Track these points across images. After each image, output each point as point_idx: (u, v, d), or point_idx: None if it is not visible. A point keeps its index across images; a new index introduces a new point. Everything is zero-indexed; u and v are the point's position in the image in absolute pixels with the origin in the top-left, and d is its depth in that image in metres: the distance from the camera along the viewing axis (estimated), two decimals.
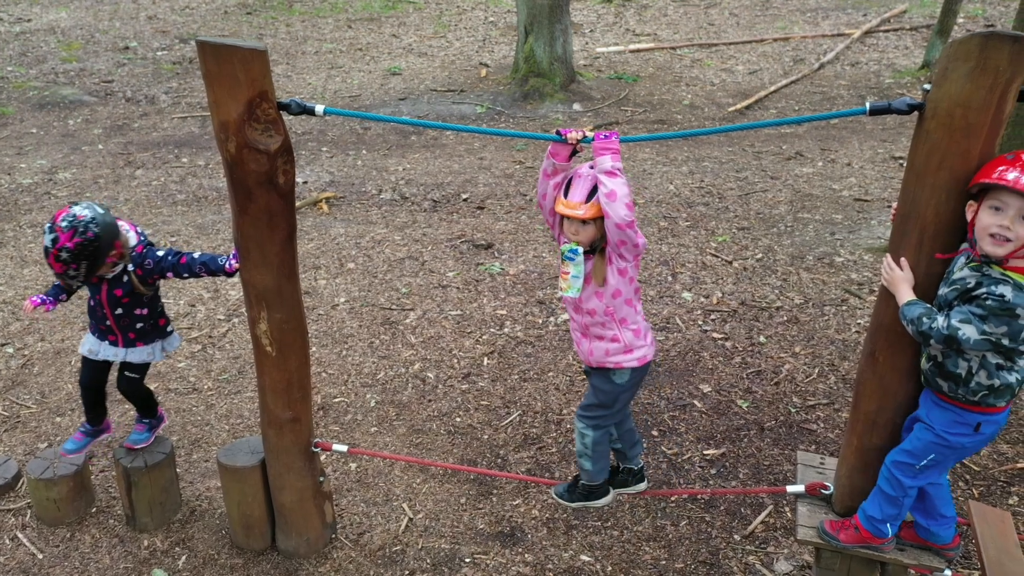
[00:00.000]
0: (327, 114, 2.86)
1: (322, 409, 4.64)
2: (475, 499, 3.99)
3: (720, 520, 3.84)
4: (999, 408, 2.53)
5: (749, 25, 13.85)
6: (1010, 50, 2.25)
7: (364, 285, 5.99)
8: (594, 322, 2.84)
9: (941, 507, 2.85)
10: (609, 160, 2.61)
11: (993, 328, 2.31)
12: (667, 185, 7.60)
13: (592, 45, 12.85)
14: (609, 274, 2.74)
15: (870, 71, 11.24)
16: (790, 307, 5.54)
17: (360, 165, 8.45)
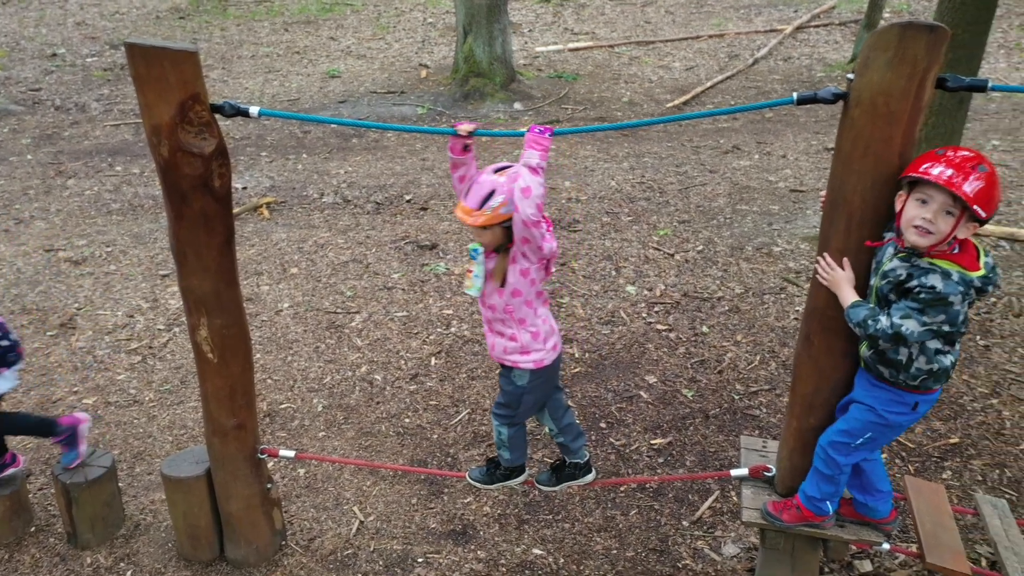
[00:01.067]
0: (262, 116, 2.84)
1: (268, 416, 4.58)
2: (426, 499, 3.98)
3: (669, 507, 3.90)
4: (933, 390, 2.64)
5: (685, 22, 14.07)
6: (926, 40, 2.34)
7: (308, 289, 5.92)
8: (495, 317, 2.89)
9: (877, 483, 2.94)
10: (536, 157, 2.62)
11: (932, 318, 2.40)
12: (609, 181, 7.68)
13: (531, 44, 12.92)
14: (510, 273, 2.77)
15: (802, 65, 11.52)
16: (731, 297, 5.65)
17: (301, 169, 8.36)
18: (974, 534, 3.67)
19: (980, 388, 4.65)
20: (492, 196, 2.67)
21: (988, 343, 5.04)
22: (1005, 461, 4.11)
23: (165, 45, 2.62)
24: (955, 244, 2.45)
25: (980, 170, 2.32)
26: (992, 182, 2.34)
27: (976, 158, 2.35)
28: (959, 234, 2.39)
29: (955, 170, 2.32)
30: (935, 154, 2.40)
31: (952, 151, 2.39)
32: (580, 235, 6.60)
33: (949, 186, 2.31)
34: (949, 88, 2.48)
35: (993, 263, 2.49)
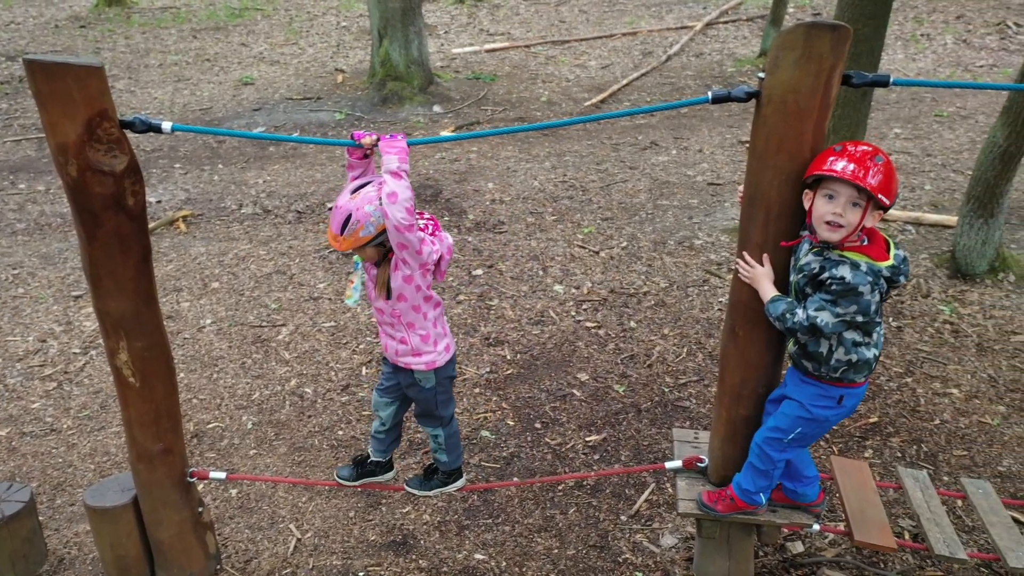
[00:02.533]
0: (175, 131, 2.75)
1: (196, 437, 4.45)
2: (364, 511, 3.93)
3: (607, 503, 3.95)
4: (859, 383, 2.73)
5: (598, 21, 14.25)
6: (831, 38, 2.43)
7: (231, 304, 5.78)
8: (384, 320, 2.93)
9: (804, 470, 3.04)
10: (396, 161, 2.62)
11: (845, 309, 2.49)
12: (531, 181, 7.73)
13: (448, 46, 12.89)
14: (393, 281, 2.78)
15: (713, 61, 11.81)
16: (656, 291, 5.75)
17: (217, 180, 8.15)
18: (897, 508, 3.83)
19: (895, 368, 4.85)
20: (349, 221, 2.68)
21: (900, 324, 5.26)
22: (921, 437, 4.30)
23: (68, 61, 2.52)
24: (863, 236, 2.55)
25: (878, 161, 2.43)
26: (890, 171, 2.45)
27: (873, 151, 2.47)
28: (867, 223, 2.49)
29: (856, 164, 2.43)
30: (834, 151, 2.50)
31: (851, 146, 2.50)
32: (506, 236, 6.63)
33: (855, 180, 2.41)
34: (854, 84, 2.58)
35: (904, 255, 2.60)
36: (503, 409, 4.62)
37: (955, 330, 5.21)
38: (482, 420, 4.54)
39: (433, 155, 8.46)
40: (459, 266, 6.15)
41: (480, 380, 4.87)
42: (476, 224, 6.85)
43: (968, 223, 5.61)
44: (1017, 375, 4.79)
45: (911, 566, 3.56)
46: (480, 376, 4.90)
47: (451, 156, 8.44)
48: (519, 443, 4.36)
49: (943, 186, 7.39)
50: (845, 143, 2.51)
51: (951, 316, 5.34)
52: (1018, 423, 4.40)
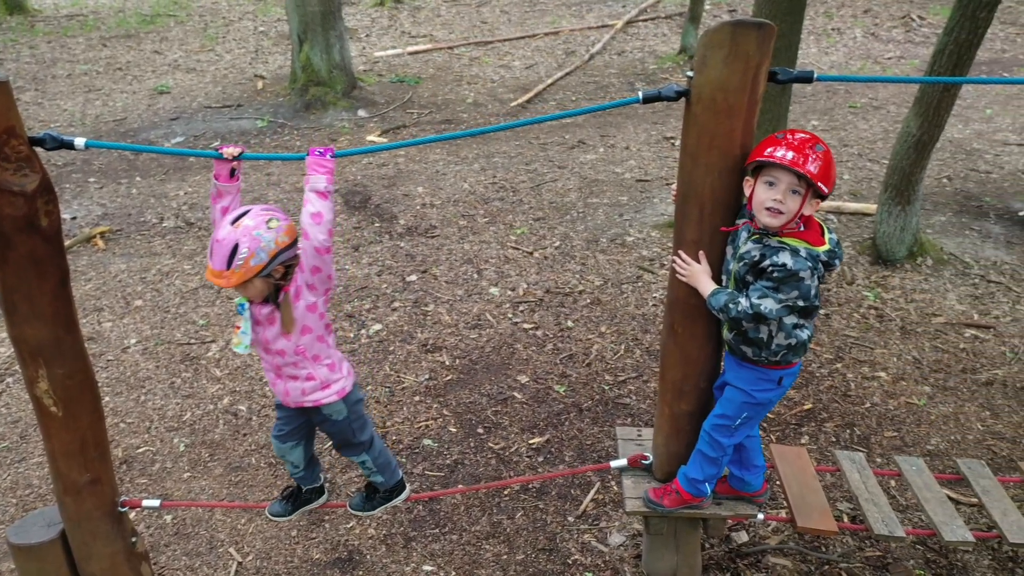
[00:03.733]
0: (89, 147, 2.62)
1: (125, 463, 4.27)
2: (307, 529, 3.84)
3: (553, 505, 3.94)
4: (793, 363, 2.79)
5: (520, 21, 14.28)
6: (756, 36, 2.46)
7: (156, 322, 5.57)
8: (286, 363, 2.73)
9: (754, 458, 3.09)
10: (324, 181, 2.50)
11: (787, 295, 2.54)
12: (462, 184, 7.68)
13: (370, 49, 12.73)
14: (296, 312, 2.63)
15: (635, 59, 11.96)
16: (591, 289, 5.78)
17: (136, 193, 7.86)
18: (835, 492, 3.93)
19: (825, 355, 4.98)
20: (237, 251, 2.49)
21: (828, 311, 5.41)
22: (854, 420, 4.43)
23: None
24: (801, 222, 2.60)
25: (818, 150, 2.48)
26: (829, 160, 2.50)
27: (812, 139, 2.51)
28: (805, 211, 2.54)
29: (796, 152, 2.47)
30: (775, 138, 2.54)
31: (790, 134, 2.54)
32: (438, 240, 6.57)
33: (795, 167, 2.45)
34: (780, 81, 2.62)
35: (837, 239, 2.66)
36: (444, 416, 4.57)
37: (880, 315, 5.38)
38: (423, 428, 4.48)
39: (360, 160, 8.34)
40: (392, 273, 6.07)
41: (419, 388, 4.80)
42: (408, 229, 6.77)
43: (887, 211, 5.80)
44: (939, 356, 4.97)
45: (852, 548, 3.66)
46: (419, 384, 4.84)
47: (379, 161, 8.33)
48: (462, 449, 4.32)
49: (861, 175, 7.64)
50: (786, 131, 2.55)
51: (875, 301, 5.52)
52: (943, 402, 4.57)
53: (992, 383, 4.73)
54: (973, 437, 4.31)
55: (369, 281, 5.97)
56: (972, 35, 4.97)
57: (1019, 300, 5.55)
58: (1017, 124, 8.98)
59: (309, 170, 2.52)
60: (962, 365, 4.89)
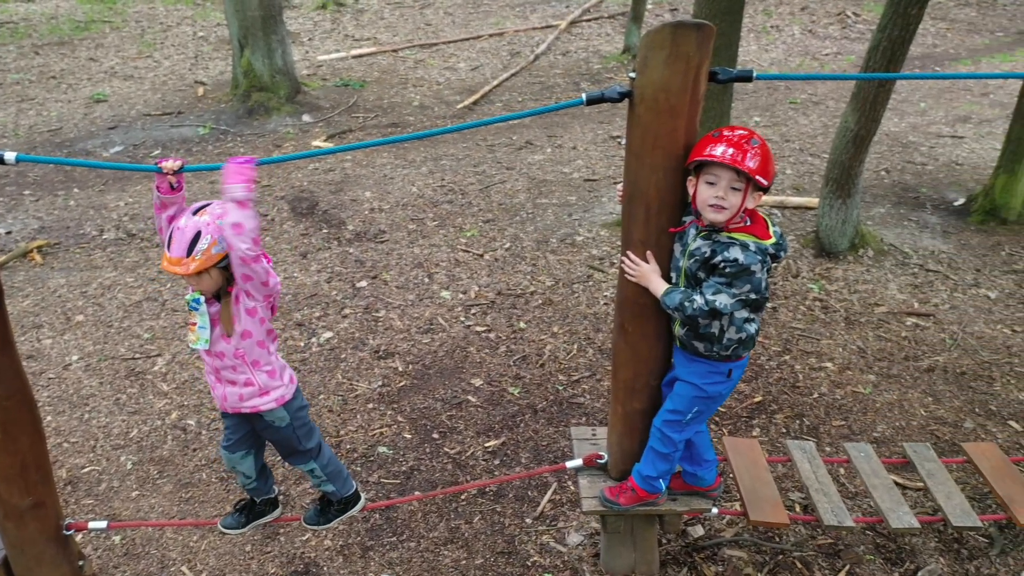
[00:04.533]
0: (20, 162, 2.53)
1: (70, 484, 4.15)
2: (261, 543, 3.77)
3: (511, 508, 3.94)
4: (743, 356, 2.84)
5: (464, 23, 14.26)
6: (696, 37, 2.49)
7: (99, 337, 5.43)
8: (224, 365, 2.72)
9: (705, 453, 3.13)
10: (241, 189, 2.46)
11: (740, 289, 2.58)
12: (410, 187, 7.64)
13: (313, 53, 12.58)
14: (236, 316, 2.63)
15: (580, 59, 12.03)
16: (543, 290, 5.79)
17: (74, 205, 7.64)
18: (787, 483, 4.00)
19: (773, 347, 5.07)
20: (199, 238, 2.49)
21: (775, 305, 5.50)
22: (803, 411, 4.51)
23: None
24: (746, 217, 2.64)
25: (754, 144, 2.52)
26: (766, 153, 2.55)
27: (749, 134, 2.56)
28: (748, 204, 2.58)
29: (735, 148, 2.51)
30: (712, 137, 2.57)
31: (728, 131, 2.58)
32: (388, 245, 6.52)
33: (733, 163, 2.49)
34: (721, 80, 2.66)
35: (781, 232, 2.71)
36: (399, 422, 4.54)
37: (825, 306, 5.49)
38: (378, 436, 4.44)
39: (307, 166, 8.23)
40: (342, 279, 6.00)
41: (373, 395, 4.76)
42: (356, 235, 6.71)
43: (828, 204, 5.93)
44: (883, 344, 5.10)
45: (804, 536, 3.73)
46: (372, 391, 4.80)
47: (325, 166, 8.24)
48: (418, 456, 4.29)
49: (803, 169, 7.79)
50: (723, 128, 2.58)
51: (820, 293, 5.63)
52: (887, 390, 4.69)
53: (933, 369, 4.86)
54: (917, 423, 4.43)
55: (318, 288, 5.90)
56: (904, 32, 5.11)
57: (957, 288, 5.72)
58: (950, 117, 9.26)
59: (227, 180, 2.47)
60: (904, 353, 5.02)
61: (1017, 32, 12.87)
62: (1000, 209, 6.55)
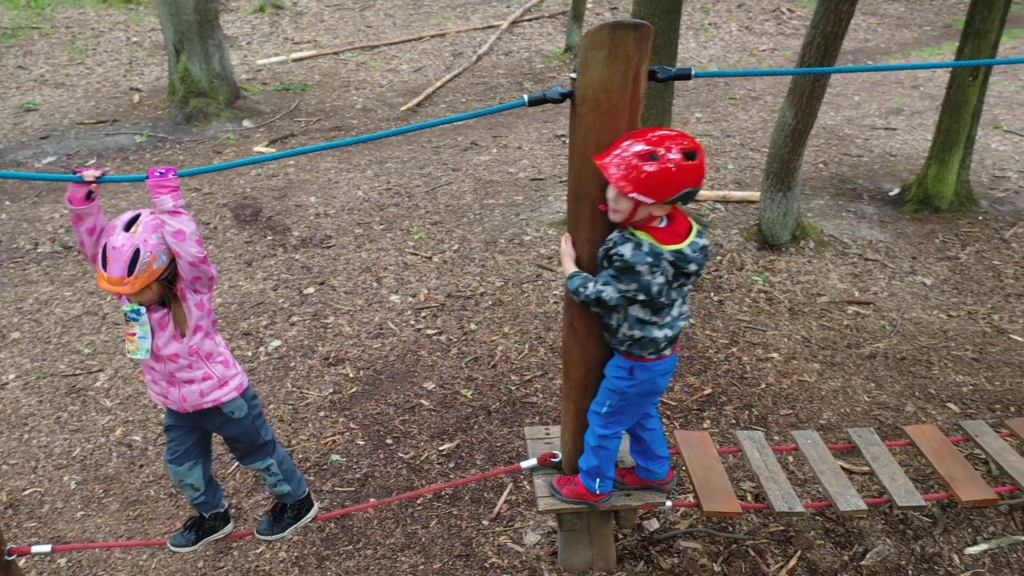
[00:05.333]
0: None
1: (11, 507, 4.01)
2: (214, 559, 3.70)
3: (467, 510, 3.93)
4: (648, 359, 2.82)
5: (405, 24, 14.19)
6: (634, 37, 2.52)
7: (36, 354, 5.26)
8: (180, 367, 2.70)
9: (657, 449, 3.17)
10: (170, 200, 2.46)
11: (626, 285, 2.61)
12: (355, 191, 7.57)
13: (252, 57, 12.38)
14: (188, 314, 2.64)
15: (522, 58, 12.06)
16: (493, 291, 5.80)
17: (5, 219, 7.40)
18: (738, 472, 4.06)
19: (721, 340, 5.15)
20: (139, 256, 2.45)
21: (721, 298, 5.59)
22: (751, 402, 4.59)
23: None
24: (666, 217, 2.65)
25: (652, 159, 2.46)
26: (664, 171, 2.46)
27: (652, 150, 2.47)
28: (642, 213, 2.58)
29: (613, 152, 2.51)
30: (618, 142, 2.56)
31: (633, 136, 2.55)
32: (335, 250, 6.45)
33: (601, 167, 2.54)
34: (660, 79, 2.69)
35: (702, 243, 2.67)
36: (351, 429, 4.50)
37: (769, 298, 5.60)
38: (330, 444, 4.39)
39: (249, 172, 8.10)
40: (289, 286, 5.92)
41: (324, 402, 4.71)
42: (302, 241, 6.62)
43: (769, 197, 6.05)
44: (826, 333, 5.22)
45: (757, 525, 3.79)
46: (323, 398, 4.74)
47: (268, 172, 8.12)
48: (372, 462, 4.26)
49: (744, 164, 7.93)
50: (648, 130, 2.59)
51: (764, 285, 5.74)
52: (832, 378, 4.80)
53: (875, 356, 4.99)
54: (861, 409, 4.54)
55: (265, 296, 5.81)
56: (837, 27, 5.23)
57: (894, 276, 5.89)
58: (883, 109, 9.53)
59: (152, 193, 2.47)
60: (847, 341, 5.14)
61: (943, 26, 13.29)
62: (933, 198, 6.76)
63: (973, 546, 3.65)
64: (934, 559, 3.60)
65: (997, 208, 6.86)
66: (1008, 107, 9.38)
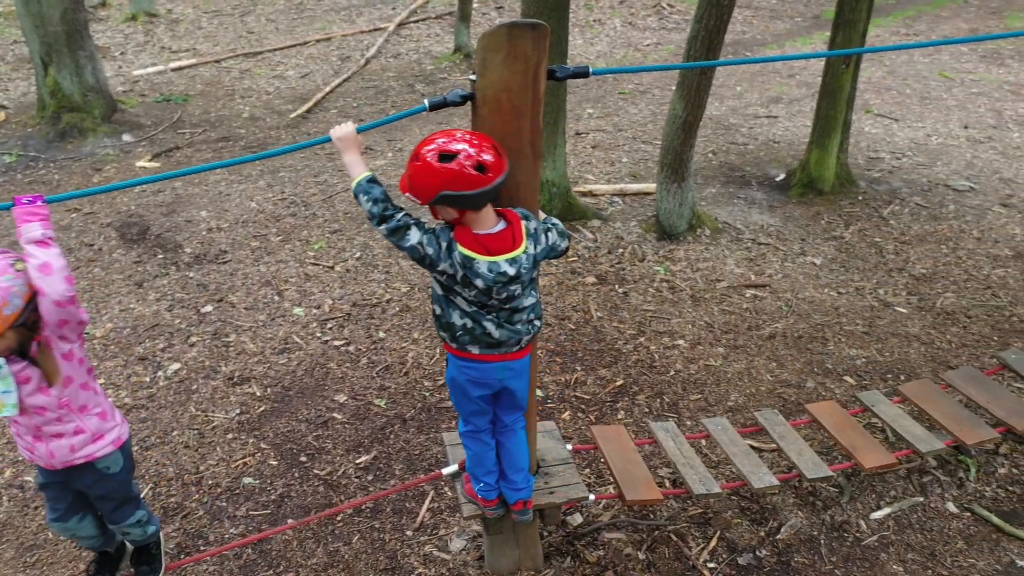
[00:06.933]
0: None
1: None
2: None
3: (390, 522, 3.86)
4: (461, 353, 2.75)
5: (289, 29, 13.84)
6: (531, 37, 2.52)
7: None
8: (47, 420, 2.51)
9: (506, 466, 3.08)
10: (39, 228, 2.28)
11: (417, 241, 2.56)
12: (248, 203, 7.33)
13: (128, 68, 11.82)
14: (56, 364, 2.44)
15: (412, 60, 11.96)
16: (399, 297, 5.72)
17: None
18: (655, 460, 4.14)
19: (628, 331, 5.24)
20: None
21: (626, 290, 5.70)
22: (662, 390, 4.69)
23: None
24: (503, 220, 2.62)
25: (413, 161, 2.51)
26: (416, 171, 2.49)
27: (416, 152, 2.50)
28: (445, 216, 2.59)
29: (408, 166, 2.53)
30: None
31: (443, 135, 2.54)
32: (231, 266, 6.23)
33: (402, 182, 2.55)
34: (559, 78, 2.71)
35: (504, 270, 2.57)
36: (262, 450, 4.35)
37: (671, 287, 5.74)
38: (241, 467, 4.23)
39: (132, 189, 7.72)
40: (185, 306, 5.68)
41: (231, 424, 4.53)
42: (196, 258, 6.36)
43: (665, 189, 6.20)
44: (728, 318, 5.39)
45: (676, 510, 3.88)
46: (231, 420, 4.57)
47: (153, 188, 7.76)
48: (287, 482, 4.13)
49: (637, 157, 8.11)
50: (442, 133, 2.55)
51: (666, 275, 5.88)
52: (736, 360, 4.96)
53: (774, 336, 5.19)
54: (765, 388, 4.71)
55: (159, 318, 5.55)
56: (719, 21, 5.40)
57: (786, 258, 6.14)
58: (764, 98, 9.91)
59: (19, 221, 2.26)
60: (747, 323, 5.32)
61: (813, 17, 13.95)
62: (816, 181, 7.07)
63: (877, 511, 3.84)
64: (843, 527, 3.76)
65: (875, 188, 7.25)
66: (877, 92, 9.93)
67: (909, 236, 6.41)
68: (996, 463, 4.10)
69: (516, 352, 2.78)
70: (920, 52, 11.42)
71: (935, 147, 8.19)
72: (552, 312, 5.45)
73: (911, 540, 3.68)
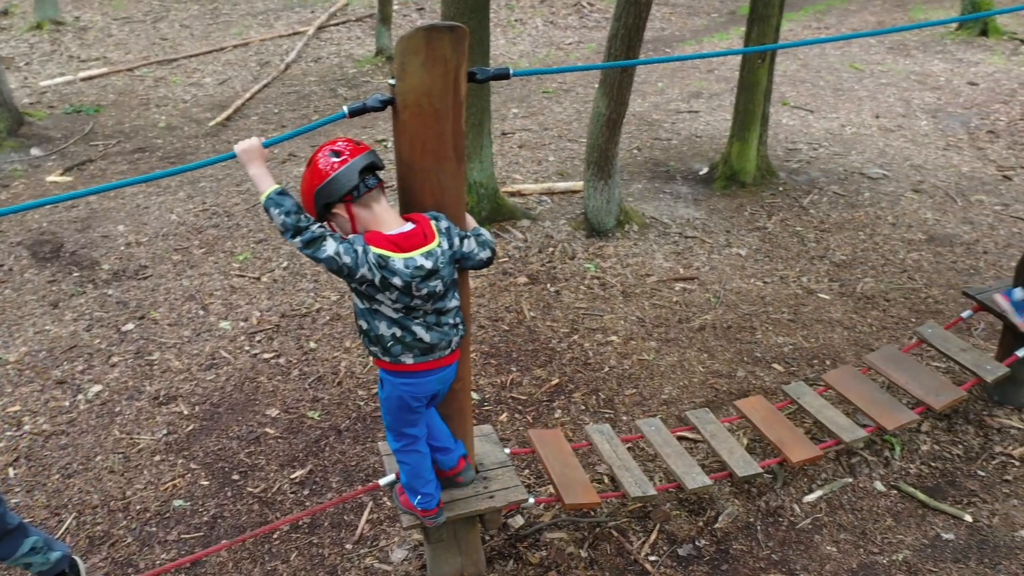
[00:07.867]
0: None
1: None
2: None
3: (328, 536, 3.79)
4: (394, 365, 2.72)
5: (204, 35, 13.49)
6: (450, 39, 2.49)
7: None
8: None
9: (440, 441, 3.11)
10: None
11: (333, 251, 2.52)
12: (168, 216, 7.11)
13: (33, 79, 11.33)
14: None
15: (333, 64, 11.79)
16: (329, 305, 5.62)
17: None
18: (592, 458, 4.16)
19: (562, 329, 5.26)
20: None
21: (557, 288, 5.71)
22: (598, 386, 4.72)
23: None
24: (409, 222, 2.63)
25: (307, 166, 2.59)
26: (301, 190, 2.62)
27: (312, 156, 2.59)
28: (341, 225, 2.61)
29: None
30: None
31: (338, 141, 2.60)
32: (152, 281, 6.02)
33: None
34: (480, 80, 2.69)
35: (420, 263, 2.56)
36: (192, 470, 4.21)
37: (602, 283, 5.78)
38: (171, 489, 4.09)
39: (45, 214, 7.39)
40: (104, 325, 5.47)
41: (158, 446, 4.38)
42: (114, 274, 6.13)
43: (592, 186, 6.24)
44: (658, 312, 5.45)
45: (616, 506, 3.90)
46: (157, 441, 4.41)
47: (66, 203, 7.46)
48: (219, 501, 4.01)
49: (564, 155, 8.15)
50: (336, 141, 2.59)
51: (596, 272, 5.92)
52: (668, 353, 5.02)
53: (704, 328, 5.27)
54: (698, 379, 4.79)
55: (77, 339, 5.33)
56: (638, 19, 5.46)
57: (713, 250, 6.25)
58: (684, 93, 10.09)
59: None
60: (678, 316, 5.40)
61: (728, 12, 14.26)
62: (738, 174, 7.23)
63: (810, 494, 3.94)
64: (778, 512, 3.84)
65: (794, 179, 7.44)
66: (792, 84, 10.20)
67: (828, 224, 6.60)
68: (919, 440, 4.25)
69: (448, 356, 2.77)
70: (832, 45, 11.79)
71: (849, 137, 8.46)
72: (485, 314, 5.43)
73: (843, 520, 3.79)
